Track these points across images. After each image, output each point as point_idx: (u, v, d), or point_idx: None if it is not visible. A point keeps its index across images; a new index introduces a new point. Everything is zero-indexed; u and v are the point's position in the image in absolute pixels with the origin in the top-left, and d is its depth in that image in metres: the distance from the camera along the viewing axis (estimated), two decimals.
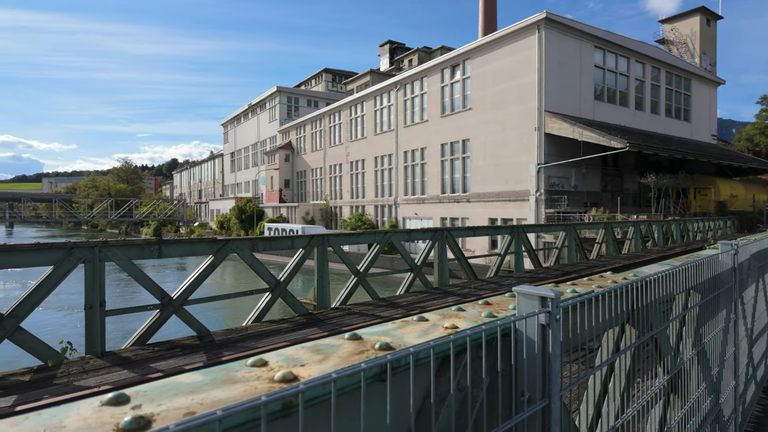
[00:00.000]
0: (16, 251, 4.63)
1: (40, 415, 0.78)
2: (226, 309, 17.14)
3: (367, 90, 36.65)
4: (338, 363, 1.04)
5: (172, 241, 5.76)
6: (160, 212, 62.98)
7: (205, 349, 5.12)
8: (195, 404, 0.82)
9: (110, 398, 0.84)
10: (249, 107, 57.97)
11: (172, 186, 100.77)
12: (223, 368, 1.00)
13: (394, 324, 1.38)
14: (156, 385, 0.91)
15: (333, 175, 41.61)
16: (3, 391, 4.02)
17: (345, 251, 7.61)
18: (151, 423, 0.75)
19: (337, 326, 6.00)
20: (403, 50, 53.14)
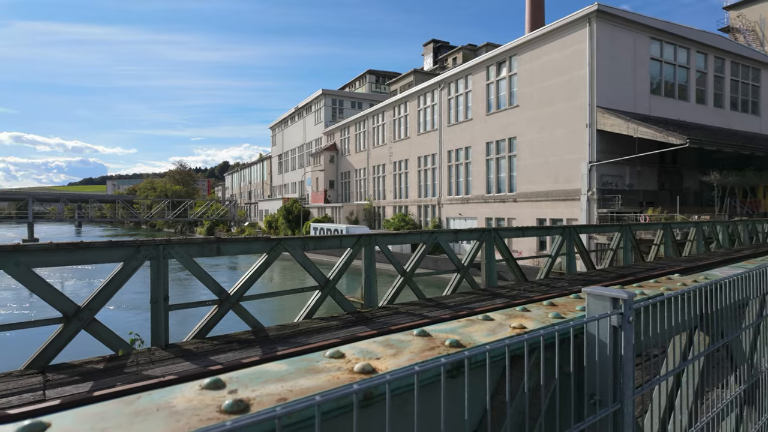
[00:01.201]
0: (91, 248, 5.01)
1: (151, 395, 0.86)
2: (276, 306, 17.69)
3: (411, 90, 36.65)
4: (411, 358, 1.07)
5: (229, 239, 6.03)
6: (213, 212, 65.88)
7: (260, 344, 5.33)
8: (285, 391, 0.88)
9: (208, 383, 0.91)
10: (295, 110, 59.48)
11: (223, 187, 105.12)
12: (305, 359, 1.06)
13: (459, 322, 1.40)
14: (246, 372, 0.97)
15: (376, 175, 41.91)
16: (81, 377, 4.37)
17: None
18: (249, 407, 0.81)
19: (385, 325, 6.05)
20: (447, 49, 52.69)
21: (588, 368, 1.28)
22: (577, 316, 1.44)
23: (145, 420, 0.75)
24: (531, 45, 25.40)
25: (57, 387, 4.11)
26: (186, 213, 65.48)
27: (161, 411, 0.79)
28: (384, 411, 0.92)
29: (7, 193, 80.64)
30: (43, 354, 4.60)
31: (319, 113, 52.88)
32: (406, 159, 37.23)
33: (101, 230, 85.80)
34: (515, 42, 26.33)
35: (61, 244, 4.82)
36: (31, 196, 58.28)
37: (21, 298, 22.33)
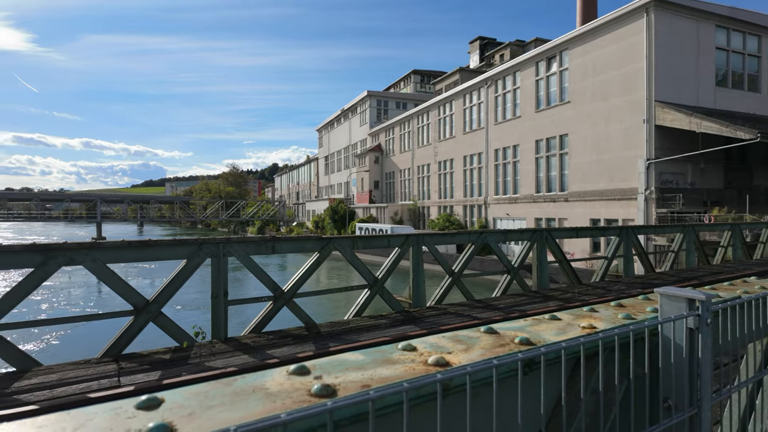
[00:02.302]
0: (159, 246, 5.36)
1: (245, 378, 0.93)
2: (326, 304, 18.08)
3: (456, 88, 36.27)
4: (483, 353, 1.09)
5: (283, 238, 6.25)
6: (264, 212, 68.20)
7: (313, 340, 5.48)
8: (366, 379, 0.93)
9: (294, 369, 0.97)
10: (341, 112, 60.44)
11: (273, 188, 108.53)
12: (379, 350, 1.10)
13: (526, 321, 1.40)
14: (327, 361, 1.03)
15: (421, 175, 41.81)
16: (150, 366, 4.68)
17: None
18: (336, 391, 0.86)
19: (434, 325, 6.05)
20: (494, 45, 51.69)
21: (663, 371, 1.24)
22: (648, 318, 1.40)
23: (245, 400, 0.82)
24: (583, 39, 24.45)
25: (130, 374, 4.43)
26: (238, 213, 68.21)
27: (257, 392, 0.86)
28: (457, 402, 0.95)
29: (79, 194, 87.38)
30: (117, 344, 4.97)
31: (365, 114, 53.44)
32: (452, 158, 36.88)
33: (161, 229, 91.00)
34: (566, 36, 25.44)
35: (133, 242, 5.19)
36: (99, 197, 62.79)
37: (89, 293, 24.09)
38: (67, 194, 78.17)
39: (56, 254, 4.69)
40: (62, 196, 73.60)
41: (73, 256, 4.79)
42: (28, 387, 4.13)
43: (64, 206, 68.10)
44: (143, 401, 0.80)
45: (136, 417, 0.76)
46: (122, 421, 0.74)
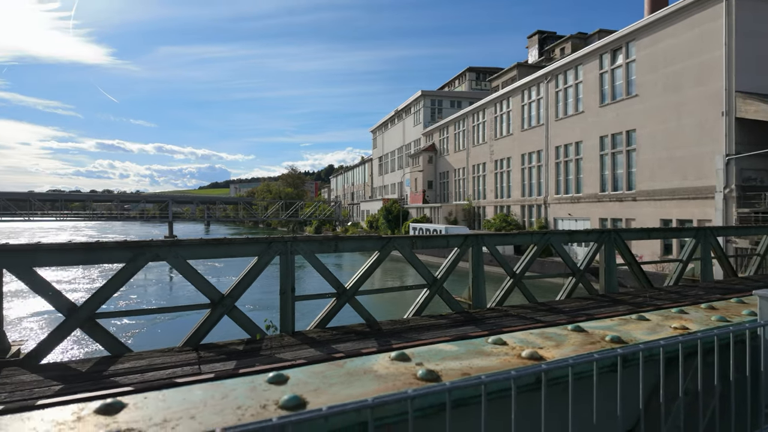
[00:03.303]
0: (232, 244, 5.72)
1: (353, 362, 1.03)
2: (381, 302, 18.33)
3: (514, 84, 35.34)
4: (575, 349, 1.11)
5: (345, 237, 6.45)
6: (320, 213, 70.09)
7: (375, 337, 5.61)
8: (465, 367, 0.99)
9: (396, 355, 1.05)
10: (395, 113, 60.77)
11: (329, 189, 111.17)
12: (470, 343, 1.16)
13: (613, 321, 1.40)
14: (424, 350, 1.10)
15: (476, 174, 41.12)
16: (226, 356, 5.01)
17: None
18: (440, 377, 0.93)
19: (495, 326, 5.98)
20: (554, 39, 49.80)
21: (765, 375, 1.20)
22: (745, 320, 1.35)
23: (359, 380, 0.91)
24: (652, 28, 22.98)
25: (209, 363, 4.77)
26: (297, 213, 70.58)
27: (367, 374, 0.95)
28: (550, 394, 0.98)
29: (153, 196, 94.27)
30: (196, 334, 5.35)
31: (419, 114, 53.39)
32: (509, 157, 35.98)
33: (226, 228, 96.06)
34: (633, 26, 24.03)
35: (210, 240, 5.57)
36: (171, 198, 67.39)
37: (161, 289, 25.90)
38: (143, 196, 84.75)
39: (144, 251, 5.14)
40: (138, 198, 79.82)
41: (158, 253, 5.23)
42: (122, 371, 4.56)
43: (140, 207, 73.77)
44: (272, 377, 0.91)
45: (270, 390, 0.87)
46: (260, 393, 0.85)
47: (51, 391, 4.11)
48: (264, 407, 0.80)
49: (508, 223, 33.33)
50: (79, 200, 79.04)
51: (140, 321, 15.62)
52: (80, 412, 0.78)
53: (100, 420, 0.76)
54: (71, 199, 77.41)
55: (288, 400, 0.80)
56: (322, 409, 0.65)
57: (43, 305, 16.34)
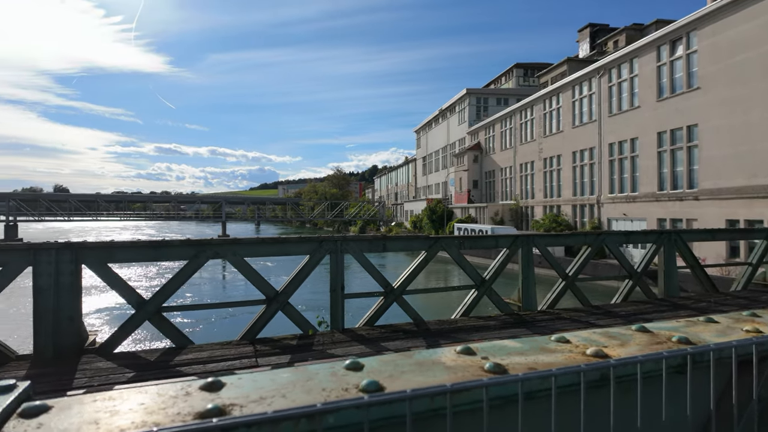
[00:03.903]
0: (286, 242, 5.94)
1: (421, 353, 1.08)
2: (427, 303, 18.31)
3: (564, 80, 34.15)
4: (640, 349, 1.12)
5: (393, 237, 6.53)
6: (365, 213, 70.83)
7: (423, 336, 5.65)
8: (530, 362, 1.02)
9: (461, 349, 1.10)
10: (440, 112, 60.36)
11: (373, 189, 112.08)
12: (532, 340, 1.19)
13: (679, 322, 1.38)
14: (488, 345, 1.14)
15: (524, 173, 40.08)
16: (280, 350, 5.22)
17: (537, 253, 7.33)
18: (507, 370, 0.97)
19: (547, 330, 5.86)
20: (607, 32, 47.66)
21: None
22: None
23: (430, 369, 0.97)
24: (715, 16, 21.51)
25: (265, 356, 5.00)
26: (342, 213, 71.71)
27: (436, 365, 1.00)
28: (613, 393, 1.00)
29: (207, 197, 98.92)
30: (252, 328, 5.61)
31: (463, 113, 52.75)
32: (559, 155, 34.81)
33: (275, 228, 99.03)
34: (694, 14, 22.59)
35: (266, 239, 5.83)
36: (224, 199, 70.40)
37: (215, 287, 27.09)
38: (198, 197, 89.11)
39: (205, 248, 5.45)
40: (194, 199, 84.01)
41: (218, 250, 5.53)
42: (187, 361, 4.86)
43: (195, 207, 77.62)
44: (349, 363, 0.99)
45: (348, 375, 0.95)
46: (340, 378, 0.93)
47: (125, 378, 4.46)
48: (346, 390, 0.87)
49: (559, 223, 32.26)
50: (140, 201, 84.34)
51: (199, 315, 16.45)
52: (188, 387, 0.88)
53: (206, 395, 0.86)
54: (133, 200, 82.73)
55: (367, 384, 0.87)
56: (407, 392, 0.71)
57: (113, 300, 17.60)
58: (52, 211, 63.30)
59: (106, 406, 0.81)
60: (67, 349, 4.92)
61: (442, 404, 0.84)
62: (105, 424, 0.74)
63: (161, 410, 0.79)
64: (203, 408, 0.79)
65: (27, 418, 0.77)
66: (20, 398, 0.82)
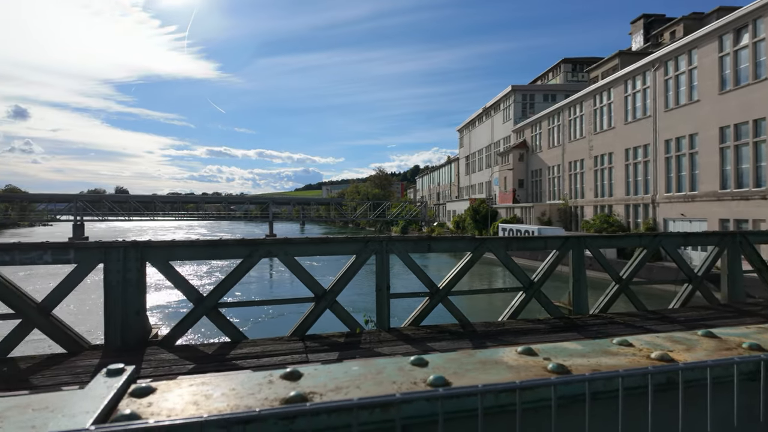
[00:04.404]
0: (333, 242, 6.09)
1: (483, 353, 1.12)
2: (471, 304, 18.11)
3: (616, 74, 32.70)
4: (708, 354, 1.10)
5: (438, 238, 6.53)
6: (406, 213, 70.87)
7: (469, 337, 5.62)
8: (593, 364, 1.03)
9: (522, 349, 1.12)
10: (483, 110, 59.40)
11: (415, 189, 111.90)
12: (594, 343, 1.19)
13: (748, 329, 1.33)
14: (549, 346, 1.16)
15: (572, 172, 38.70)
16: (329, 347, 5.36)
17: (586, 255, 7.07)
18: (570, 371, 0.99)
19: (600, 334, 5.67)
20: (663, 22, 45.15)
21: None
22: None
23: (493, 368, 1.00)
24: None
25: (314, 353, 5.15)
26: (384, 213, 72.09)
27: (499, 364, 1.03)
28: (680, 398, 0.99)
29: (255, 198, 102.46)
30: (302, 325, 5.79)
31: (508, 110, 51.63)
32: (610, 152, 33.37)
33: (319, 228, 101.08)
34: (762, 0, 21.01)
35: (314, 238, 6.00)
36: (271, 200, 72.64)
37: (261, 286, 27.97)
38: (247, 197, 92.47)
39: (258, 248, 5.68)
40: (243, 200, 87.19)
41: (271, 249, 5.75)
42: (241, 355, 5.10)
43: (244, 208, 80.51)
44: (414, 359, 1.04)
45: (414, 370, 1.00)
46: (406, 372, 0.98)
47: (186, 369, 4.74)
48: (414, 383, 0.93)
49: (610, 224, 30.93)
50: (193, 202, 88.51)
51: (252, 312, 17.08)
52: (270, 376, 0.97)
53: (287, 383, 0.94)
54: (187, 201, 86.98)
55: (435, 379, 0.92)
56: (478, 386, 0.75)
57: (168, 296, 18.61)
58: (114, 211, 67.60)
59: (201, 390, 0.90)
60: (134, 341, 5.28)
61: (507, 401, 0.88)
62: (204, 405, 0.83)
63: (250, 395, 0.87)
64: (287, 395, 0.86)
65: (137, 397, 0.87)
66: (129, 380, 0.93)
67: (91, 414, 0.75)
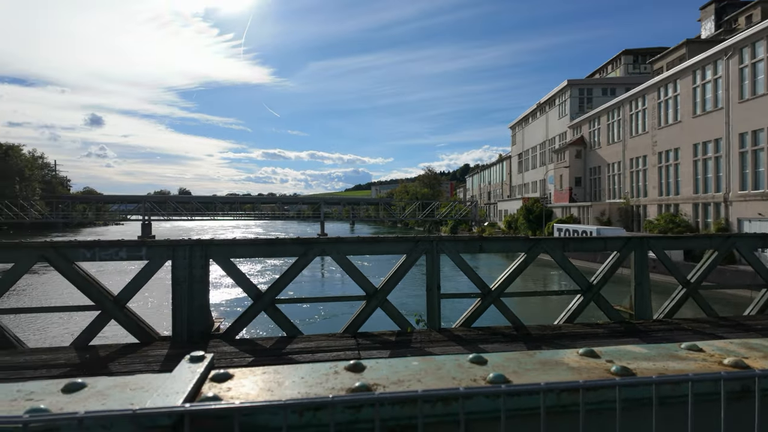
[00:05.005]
0: (384, 242, 6.17)
1: (543, 353, 1.11)
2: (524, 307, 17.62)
3: (683, 64, 30.59)
4: None
5: (491, 238, 6.44)
6: (456, 212, 70.06)
7: (523, 340, 5.50)
8: (659, 368, 1.00)
9: (584, 351, 1.11)
10: (537, 106, 57.55)
11: (464, 189, 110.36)
12: (660, 347, 1.16)
13: None
14: (612, 349, 1.14)
15: (634, 169, 36.62)
16: (380, 345, 5.43)
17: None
18: (635, 375, 0.97)
19: (664, 340, 5.35)
20: (736, 6, 41.66)
21: None
22: None
23: (553, 368, 1.00)
24: None
25: (366, 350, 5.24)
26: (433, 213, 71.67)
27: (559, 365, 1.03)
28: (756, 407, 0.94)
29: (307, 198, 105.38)
30: (354, 322, 5.91)
31: (564, 106, 49.68)
32: (676, 147, 31.27)
33: (368, 228, 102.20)
34: None
35: (366, 238, 6.11)
36: (322, 200, 74.37)
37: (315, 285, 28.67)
38: (299, 198, 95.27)
39: (313, 246, 5.86)
40: (296, 200, 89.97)
41: (324, 248, 5.92)
42: (297, 350, 5.28)
43: (296, 208, 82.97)
44: (473, 357, 1.06)
45: (474, 368, 1.02)
46: (465, 369, 1.00)
47: (245, 362, 4.98)
48: (474, 380, 0.95)
49: (677, 224, 28.98)
50: (249, 202, 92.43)
51: (304, 309, 17.61)
52: (335, 367, 1.02)
53: (352, 375, 0.99)
54: (244, 201, 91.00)
55: (495, 377, 0.94)
56: (541, 384, 0.76)
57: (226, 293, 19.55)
58: (177, 211, 71.88)
59: (273, 378, 0.98)
60: (198, 334, 5.62)
61: (569, 401, 0.88)
62: (277, 392, 0.90)
63: (318, 384, 0.93)
64: (352, 385, 0.91)
65: (217, 382, 0.96)
66: (209, 366, 1.02)
67: (180, 394, 0.83)
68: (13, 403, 0.84)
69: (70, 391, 0.88)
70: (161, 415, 0.71)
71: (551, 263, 6.54)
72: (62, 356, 4.96)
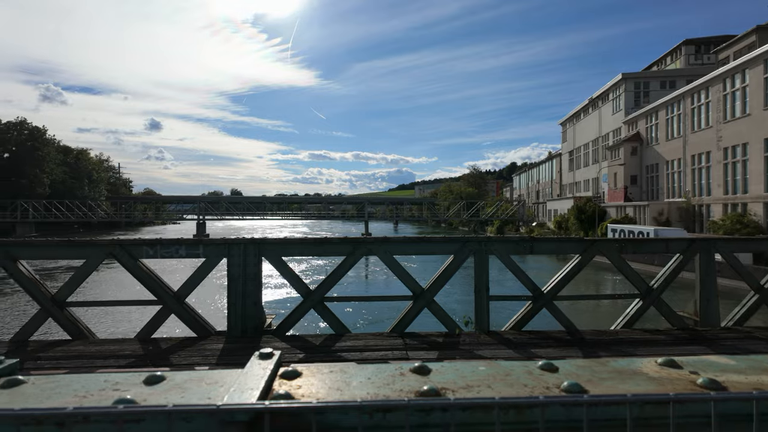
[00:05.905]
0: (431, 242, 6.12)
1: (616, 361, 1.06)
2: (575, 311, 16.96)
3: (753, 53, 28.33)
4: None
5: (542, 239, 6.23)
6: (502, 212, 68.55)
7: (578, 345, 5.29)
8: (753, 382, 0.92)
9: (664, 361, 1.04)
10: (589, 102, 55.23)
11: (511, 188, 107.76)
12: (750, 359, 1.06)
13: None
14: (693, 359, 1.06)
15: (696, 166, 34.33)
16: (427, 346, 5.40)
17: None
18: (725, 388, 0.90)
19: (735, 350, 4.97)
20: None
21: None
22: None
23: (631, 378, 0.95)
24: None
25: (414, 350, 5.22)
26: (478, 213, 70.50)
27: (637, 375, 0.97)
28: None
29: (352, 198, 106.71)
30: (401, 322, 5.91)
31: (619, 100, 47.36)
32: (744, 143, 29.03)
33: (412, 227, 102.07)
34: None
35: (412, 238, 6.09)
36: (366, 200, 75.01)
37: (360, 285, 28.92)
38: (344, 198, 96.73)
39: (360, 246, 5.91)
40: (341, 200, 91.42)
41: (371, 248, 5.95)
42: (346, 348, 5.35)
43: (341, 208, 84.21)
44: (543, 364, 1.02)
45: (544, 375, 0.98)
46: (536, 376, 0.97)
47: (296, 358, 5.09)
48: (547, 388, 0.91)
49: (745, 225, 26.90)
50: (297, 202, 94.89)
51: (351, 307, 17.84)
52: (401, 369, 1.02)
53: (418, 377, 0.98)
54: (292, 201, 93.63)
55: (570, 385, 0.90)
56: (627, 395, 0.72)
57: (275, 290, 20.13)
58: (229, 211, 74.87)
59: (341, 377, 0.98)
60: (251, 329, 5.81)
61: (652, 414, 0.82)
62: (347, 392, 0.90)
63: (386, 386, 0.93)
64: (420, 388, 0.90)
65: (287, 379, 0.97)
66: (278, 363, 1.04)
67: (255, 391, 0.86)
68: (102, 393, 0.90)
69: (151, 383, 0.93)
70: (240, 412, 0.73)
71: (602, 265, 6.25)
72: (128, 347, 5.29)
